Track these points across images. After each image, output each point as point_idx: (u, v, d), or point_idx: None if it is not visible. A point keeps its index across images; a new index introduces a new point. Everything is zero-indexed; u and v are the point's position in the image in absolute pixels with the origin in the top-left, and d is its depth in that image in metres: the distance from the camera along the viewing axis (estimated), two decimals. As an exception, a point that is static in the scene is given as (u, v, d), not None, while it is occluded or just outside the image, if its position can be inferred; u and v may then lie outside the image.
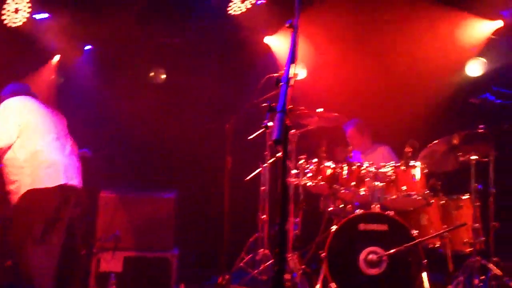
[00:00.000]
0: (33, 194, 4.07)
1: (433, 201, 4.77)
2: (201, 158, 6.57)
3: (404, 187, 4.67)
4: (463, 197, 4.91)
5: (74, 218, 5.86)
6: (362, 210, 4.61)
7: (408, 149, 4.75)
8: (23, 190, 4.07)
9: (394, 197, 4.67)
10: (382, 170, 4.76)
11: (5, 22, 6.42)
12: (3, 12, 6.39)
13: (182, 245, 5.81)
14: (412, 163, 4.74)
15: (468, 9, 6.04)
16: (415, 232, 4.42)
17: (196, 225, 6.52)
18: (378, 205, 4.61)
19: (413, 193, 4.65)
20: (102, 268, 5.30)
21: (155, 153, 6.88)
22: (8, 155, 4.15)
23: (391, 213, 4.52)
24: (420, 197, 4.66)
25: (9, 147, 4.13)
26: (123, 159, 6.72)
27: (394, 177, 4.72)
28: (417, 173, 4.73)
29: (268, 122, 4.81)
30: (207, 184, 6.51)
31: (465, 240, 4.76)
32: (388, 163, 4.83)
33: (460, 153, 4.79)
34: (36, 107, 4.32)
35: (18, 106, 4.21)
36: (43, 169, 4.12)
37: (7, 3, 6.35)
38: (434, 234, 4.66)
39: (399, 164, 4.78)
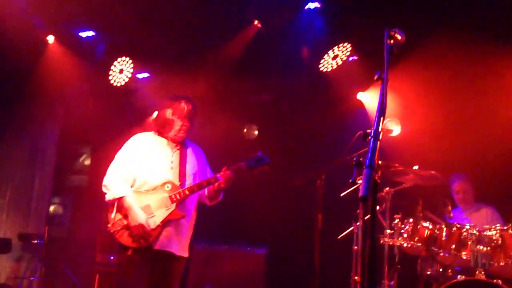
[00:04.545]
0: None
1: (549, 270, 4.27)
2: (292, 215, 6.48)
3: (513, 253, 4.25)
4: None
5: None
6: (464, 276, 4.25)
7: (516, 211, 4.36)
8: None
9: (502, 263, 4.24)
10: (487, 233, 4.38)
11: (111, 82, 6.94)
12: (110, 73, 6.93)
13: (272, 302, 5.67)
14: (522, 226, 4.32)
15: None
16: (529, 305, 3.96)
17: (286, 283, 6.35)
18: (483, 272, 4.22)
19: (525, 260, 4.20)
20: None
21: (247, 208, 6.88)
22: None
23: (499, 281, 4.11)
24: (533, 266, 4.20)
25: None
26: (216, 213, 6.79)
27: (501, 241, 4.31)
28: (528, 237, 4.29)
29: (360, 179, 4.71)
30: (298, 241, 6.38)
31: None
32: (493, 226, 4.44)
33: None
34: None
35: None
36: None
37: (113, 65, 6.89)
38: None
39: (506, 227, 4.36)
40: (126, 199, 3.91)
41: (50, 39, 6.76)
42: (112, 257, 6.14)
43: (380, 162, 1.88)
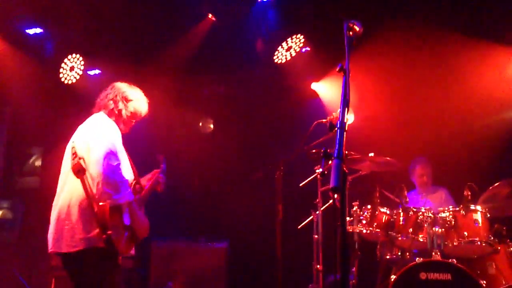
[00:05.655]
0: None
1: (499, 247, 4.46)
2: (252, 207, 6.50)
3: (465, 233, 4.42)
4: (535, 244, 4.56)
5: (128, 269, 5.87)
6: (422, 258, 4.39)
7: (467, 193, 4.53)
8: None
9: (455, 243, 4.42)
10: (441, 215, 4.56)
11: (62, 79, 6.75)
12: (60, 70, 6.73)
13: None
14: (472, 207, 4.51)
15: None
16: (483, 282, 4.13)
17: (248, 275, 6.38)
18: (439, 253, 4.38)
19: (476, 239, 4.38)
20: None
21: (207, 202, 6.87)
22: None
23: (454, 261, 4.27)
24: (484, 244, 4.38)
25: None
26: (176, 209, 6.74)
27: (454, 222, 4.50)
28: (478, 217, 4.48)
29: (318, 168, 4.78)
30: (259, 233, 6.42)
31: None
32: (446, 208, 4.62)
33: (526, 195, 4.53)
34: None
35: None
36: None
37: (64, 63, 6.70)
38: (507, 285, 4.30)
39: (458, 208, 4.55)
40: (133, 202, 3.44)
41: (-5, 37, 6.50)
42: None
43: (346, 152, 1.92)
